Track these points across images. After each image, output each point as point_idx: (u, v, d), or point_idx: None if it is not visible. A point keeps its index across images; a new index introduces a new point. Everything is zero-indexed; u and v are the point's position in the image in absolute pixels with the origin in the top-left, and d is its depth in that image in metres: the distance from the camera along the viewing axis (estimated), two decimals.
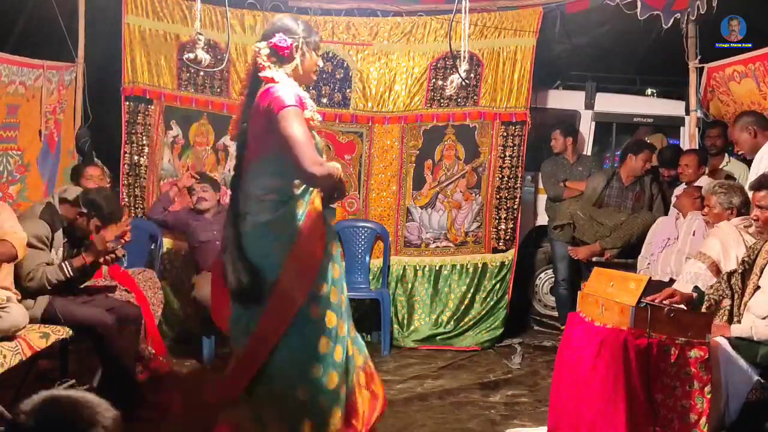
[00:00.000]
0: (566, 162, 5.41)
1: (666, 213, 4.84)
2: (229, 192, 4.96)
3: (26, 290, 3.26)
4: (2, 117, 4.00)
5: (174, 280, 4.88)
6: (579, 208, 5.01)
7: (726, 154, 4.88)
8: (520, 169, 5.12)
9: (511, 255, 5.14)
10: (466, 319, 5.09)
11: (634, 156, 4.96)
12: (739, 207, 3.53)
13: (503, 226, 5.15)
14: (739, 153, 4.14)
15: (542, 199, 5.74)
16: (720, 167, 4.77)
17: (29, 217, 3.36)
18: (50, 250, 3.37)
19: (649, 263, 4.39)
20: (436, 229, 5.19)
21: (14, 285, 3.21)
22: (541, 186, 5.71)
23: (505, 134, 5.10)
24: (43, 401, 1.34)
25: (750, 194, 3.46)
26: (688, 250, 4.04)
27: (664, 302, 2.80)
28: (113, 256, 3.50)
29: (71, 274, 3.34)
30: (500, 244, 5.16)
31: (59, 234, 3.43)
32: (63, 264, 3.34)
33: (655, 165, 5.23)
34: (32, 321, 3.23)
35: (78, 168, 4.25)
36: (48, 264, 3.31)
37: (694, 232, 4.10)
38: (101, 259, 3.46)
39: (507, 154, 5.10)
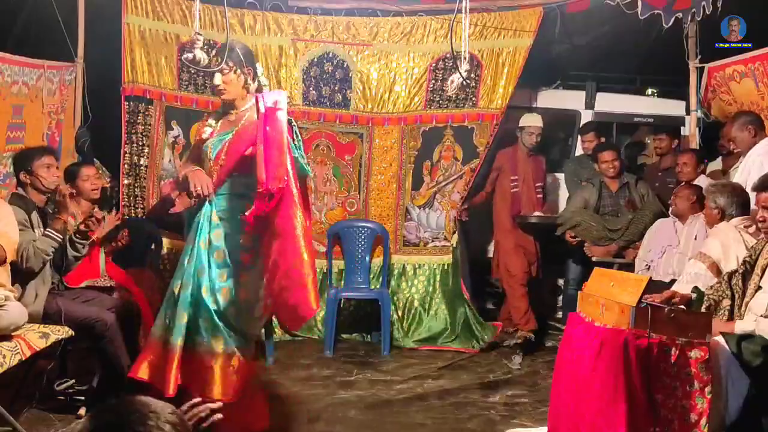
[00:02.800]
0: (590, 163, 5.37)
1: (666, 209, 4.78)
2: None
3: (28, 272, 3.26)
4: (9, 117, 4.01)
5: None
6: (587, 213, 4.96)
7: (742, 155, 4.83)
8: None
9: None
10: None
11: (596, 163, 5.01)
12: (723, 207, 3.50)
13: None
14: (735, 151, 4.16)
15: None
16: (734, 167, 4.74)
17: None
18: (33, 231, 3.38)
19: (648, 266, 4.37)
20: (434, 229, 5.19)
21: (12, 275, 3.21)
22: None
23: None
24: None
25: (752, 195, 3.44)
26: (690, 252, 4.02)
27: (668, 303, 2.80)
28: (93, 219, 3.51)
29: (59, 237, 3.36)
30: None
31: (34, 215, 3.45)
32: (47, 232, 3.36)
33: (640, 163, 5.23)
34: (33, 318, 3.23)
35: (73, 168, 4.23)
36: (33, 241, 3.32)
37: (696, 236, 4.10)
38: (84, 222, 3.49)
39: None
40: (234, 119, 3.14)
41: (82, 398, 3.51)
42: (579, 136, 5.59)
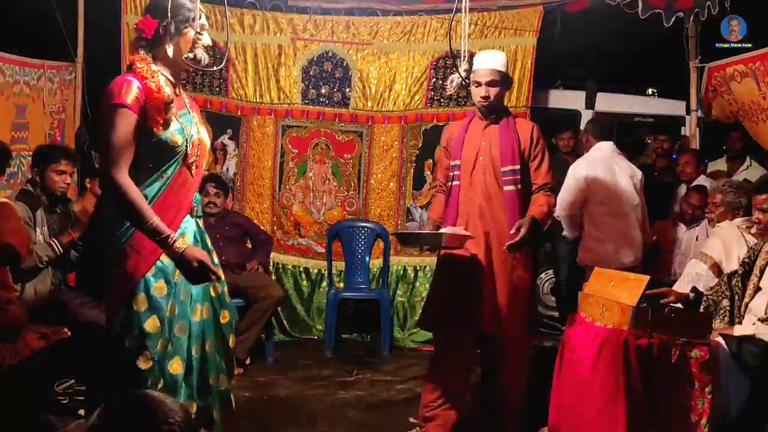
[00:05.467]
0: (568, 163, 5.35)
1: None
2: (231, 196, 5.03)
3: (21, 272, 3.27)
4: (12, 117, 4.02)
5: None
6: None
7: (748, 158, 4.82)
8: None
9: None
10: None
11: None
12: (746, 208, 3.52)
13: None
14: None
15: None
16: (739, 171, 4.73)
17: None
18: (34, 230, 3.39)
19: None
20: None
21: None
22: None
23: None
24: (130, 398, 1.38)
25: None
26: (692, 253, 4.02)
27: (660, 301, 2.80)
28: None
29: (60, 250, 3.39)
30: None
31: (40, 213, 3.46)
32: (51, 240, 3.40)
33: (640, 163, 5.24)
34: (32, 317, 3.23)
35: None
36: (34, 243, 3.34)
37: (697, 237, 4.10)
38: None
39: None
40: (179, 96, 2.38)
41: (82, 398, 3.50)
42: (557, 134, 5.34)
